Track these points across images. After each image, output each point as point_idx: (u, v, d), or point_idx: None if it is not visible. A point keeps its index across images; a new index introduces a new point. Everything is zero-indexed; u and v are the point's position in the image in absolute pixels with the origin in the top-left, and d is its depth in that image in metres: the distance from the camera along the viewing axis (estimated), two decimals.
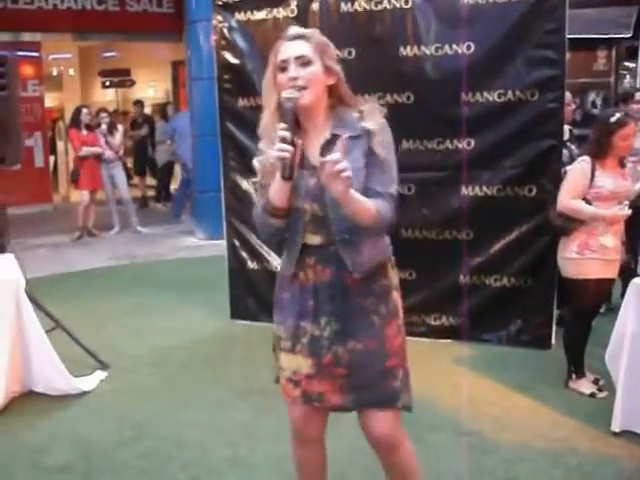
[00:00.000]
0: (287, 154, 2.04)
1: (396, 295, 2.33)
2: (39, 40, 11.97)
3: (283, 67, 2.16)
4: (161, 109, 11.92)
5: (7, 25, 11.18)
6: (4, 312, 3.86)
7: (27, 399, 4.05)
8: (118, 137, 9.53)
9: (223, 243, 5.54)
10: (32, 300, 4.05)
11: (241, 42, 5.07)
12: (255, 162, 2.31)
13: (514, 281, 4.68)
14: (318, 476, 2.57)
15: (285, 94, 2.12)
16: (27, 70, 11.94)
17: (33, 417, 3.86)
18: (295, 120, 2.12)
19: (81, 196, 9.40)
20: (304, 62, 2.15)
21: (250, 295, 5.33)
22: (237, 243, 5.34)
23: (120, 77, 15.63)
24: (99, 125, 9.37)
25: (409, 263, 4.75)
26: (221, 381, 4.32)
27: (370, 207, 2.09)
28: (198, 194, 8.90)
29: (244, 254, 5.32)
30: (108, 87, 16.20)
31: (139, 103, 12.39)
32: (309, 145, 2.19)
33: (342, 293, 2.23)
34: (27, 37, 11.67)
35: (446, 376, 4.30)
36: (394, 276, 2.34)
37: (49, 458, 3.44)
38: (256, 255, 5.29)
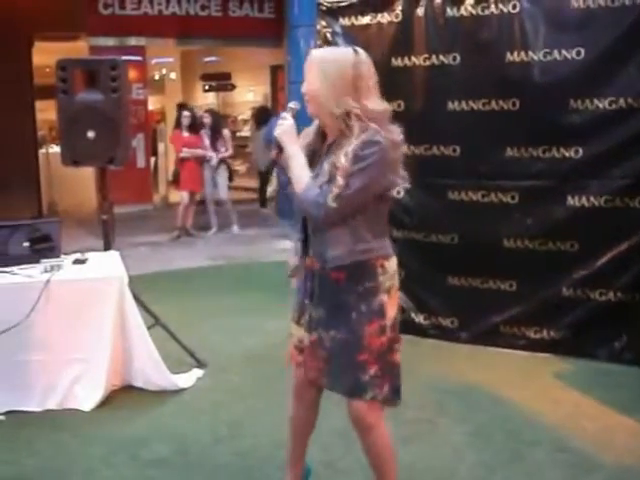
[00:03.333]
0: (274, 151, 2.52)
1: (384, 298, 2.49)
2: (144, 45, 12.37)
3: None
4: (260, 113, 12.07)
5: (114, 30, 11.63)
6: (108, 307, 4.00)
7: (126, 393, 4.16)
8: (226, 139, 9.72)
9: None
10: (134, 297, 4.16)
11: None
12: None
13: (620, 296, 4.49)
14: (305, 434, 2.92)
15: (290, 104, 2.61)
16: (132, 74, 12.35)
17: (132, 411, 3.97)
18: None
19: (180, 197, 9.65)
20: (307, 79, 2.48)
21: None
22: None
23: (221, 81, 15.96)
24: (203, 126, 9.59)
25: (510, 274, 4.67)
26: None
27: (303, 180, 2.42)
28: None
29: None
30: (208, 91, 16.58)
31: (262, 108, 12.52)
32: (323, 149, 2.53)
33: (329, 285, 2.51)
34: (133, 42, 12.07)
35: (545, 391, 4.17)
36: (387, 279, 2.50)
37: (147, 451, 3.52)
38: None
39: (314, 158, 2.52)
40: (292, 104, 2.58)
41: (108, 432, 3.72)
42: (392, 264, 2.56)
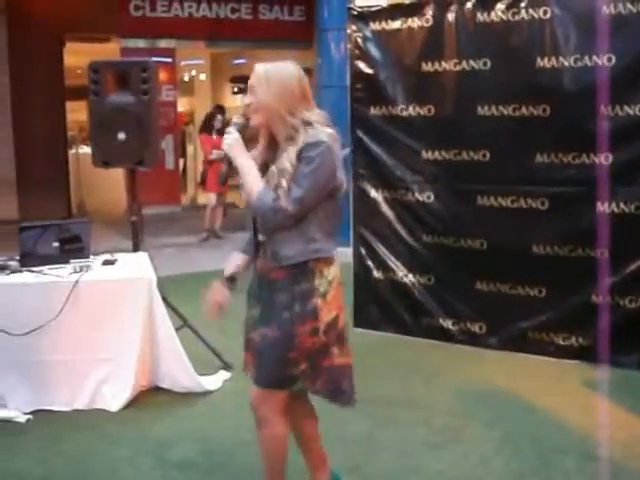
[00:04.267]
0: (225, 166, 2.68)
1: (318, 301, 2.56)
2: (174, 47, 12.44)
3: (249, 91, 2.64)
4: None
5: (145, 32, 11.72)
6: (137, 308, 4.02)
7: (153, 394, 4.18)
8: None
9: (346, 250, 5.54)
10: (162, 298, 4.19)
11: (375, 52, 5.09)
12: None
13: None
14: (302, 440, 3.00)
15: (234, 119, 2.70)
16: (162, 75, 12.41)
17: (159, 412, 3.99)
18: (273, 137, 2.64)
19: (208, 198, 9.70)
20: (252, 92, 2.60)
21: (373, 304, 5.32)
22: (364, 252, 5.34)
23: None
24: None
25: (539, 280, 4.64)
26: None
27: (255, 186, 2.54)
28: None
29: (370, 263, 5.31)
30: (238, 93, 16.64)
31: None
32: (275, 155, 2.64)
33: (267, 285, 2.63)
34: (163, 44, 12.15)
35: (574, 398, 4.13)
36: (322, 285, 2.57)
37: (173, 453, 3.53)
38: (382, 265, 5.27)
39: (266, 168, 2.62)
40: (236, 118, 2.70)
41: (134, 433, 3.74)
42: (332, 271, 2.62)
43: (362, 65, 5.16)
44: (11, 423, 3.85)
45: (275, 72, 2.60)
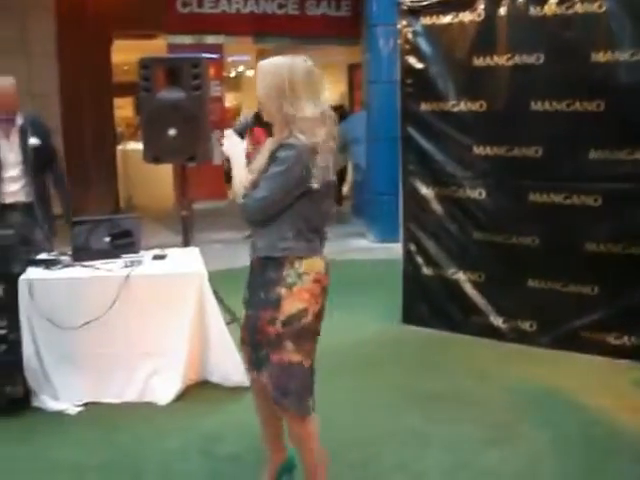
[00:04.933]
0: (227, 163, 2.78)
1: (282, 291, 2.65)
2: (221, 43, 12.49)
3: None
4: (336, 111, 12.03)
5: (192, 28, 11.79)
6: (187, 302, 4.06)
7: (203, 388, 4.21)
8: None
9: (395, 246, 5.54)
10: (213, 293, 4.21)
11: (425, 46, 5.04)
12: None
13: None
14: (269, 424, 3.01)
15: (241, 118, 2.92)
16: (210, 71, 12.50)
17: (208, 406, 4.02)
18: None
19: None
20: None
21: (423, 300, 5.29)
22: (413, 248, 5.30)
23: None
24: None
25: (592, 278, 4.56)
26: (391, 384, 4.31)
27: (239, 181, 2.69)
28: (372, 197, 8.93)
29: (420, 259, 5.27)
30: None
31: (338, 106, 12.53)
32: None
33: (252, 270, 2.80)
34: (210, 40, 12.21)
35: (625, 399, 4.04)
36: (290, 276, 2.65)
37: (221, 447, 3.56)
38: (432, 261, 5.22)
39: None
40: (242, 118, 2.93)
41: (184, 426, 3.78)
42: (305, 265, 2.66)
43: (412, 60, 5.11)
44: (64, 415, 3.92)
45: (268, 67, 2.68)
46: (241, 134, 2.83)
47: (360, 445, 3.54)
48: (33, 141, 4.73)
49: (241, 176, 2.72)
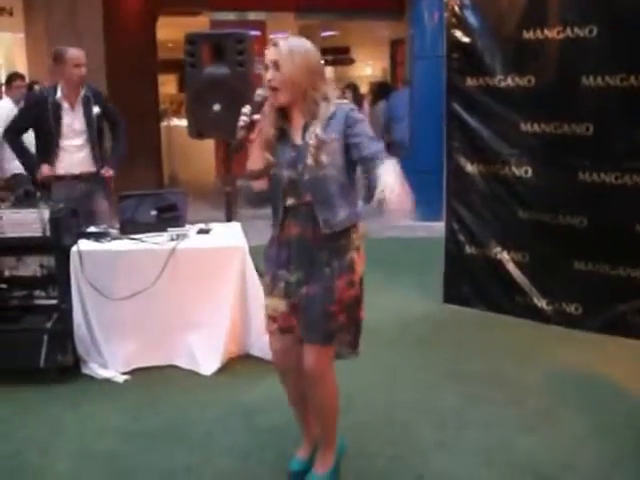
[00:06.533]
0: (242, 132, 2.66)
1: (354, 255, 2.73)
2: (264, 19, 12.45)
3: (266, 67, 2.65)
4: (379, 87, 11.91)
5: (234, 5, 11.78)
6: (230, 276, 4.09)
7: (244, 361, 4.25)
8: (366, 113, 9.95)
9: (436, 225, 5.48)
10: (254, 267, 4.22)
11: (473, 20, 4.94)
12: None
13: None
14: (300, 403, 2.99)
15: (259, 91, 2.70)
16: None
17: (249, 378, 4.05)
18: (281, 108, 2.68)
19: None
20: (277, 67, 2.61)
21: (465, 280, 5.22)
22: (456, 226, 5.23)
23: (339, 55, 15.93)
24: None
25: None
26: (431, 363, 4.29)
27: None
28: (414, 174, 8.78)
29: (462, 238, 5.21)
30: (326, 65, 16.56)
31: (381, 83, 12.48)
32: (293, 128, 2.72)
33: (305, 246, 2.71)
34: (252, 16, 12.18)
35: None
36: (356, 239, 2.74)
37: (263, 419, 3.59)
38: (475, 240, 5.15)
39: (283, 137, 2.73)
40: (261, 91, 2.73)
41: (226, 397, 3.82)
42: (362, 226, 2.79)
43: (459, 34, 5.02)
44: (111, 383, 4.02)
45: (299, 47, 2.65)
46: (257, 110, 2.73)
47: (400, 422, 3.54)
48: (96, 110, 4.88)
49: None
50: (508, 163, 4.89)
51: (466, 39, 5.00)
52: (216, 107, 4.67)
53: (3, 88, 7.75)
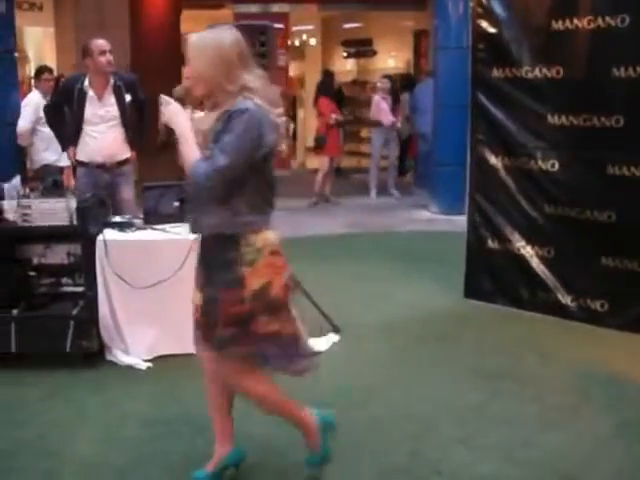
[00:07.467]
0: (162, 135, 2.74)
1: (243, 270, 2.59)
2: (287, 11, 12.43)
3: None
4: (402, 80, 11.87)
5: None
6: None
7: None
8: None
9: (458, 219, 5.42)
10: None
11: (499, 10, 4.86)
12: None
13: None
14: (219, 407, 2.95)
15: (177, 88, 2.80)
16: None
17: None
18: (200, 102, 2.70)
19: (321, 163, 9.72)
20: (189, 62, 2.64)
21: (487, 275, 5.14)
22: (479, 220, 5.15)
23: (361, 47, 15.87)
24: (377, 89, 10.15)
25: None
26: (452, 359, 4.24)
27: (193, 155, 2.55)
28: (437, 167, 8.77)
29: (485, 232, 5.13)
30: (348, 57, 16.52)
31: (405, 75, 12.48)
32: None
33: (205, 248, 2.71)
34: (275, 8, 12.16)
35: None
36: (248, 253, 2.59)
37: None
38: (498, 234, 5.07)
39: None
40: (177, 89, 2.78)
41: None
42: (260, 239, 2.62)
43: (485, 24, 4.94)
44: (134, 369, 4.09)
45: (211, 41, 2.60)
46: (181, 101, 2.70)
47: (421, 417, 3.51)
48: (128, 98, 5.01)
49: (193, 148, 2.59)
50: (534, 156, 4.81)
51: (492, 29, 4.91)
52: None
53: (32, 81, 7.88)
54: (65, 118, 5.13)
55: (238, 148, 2.50)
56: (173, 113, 2.67)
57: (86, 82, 4.91)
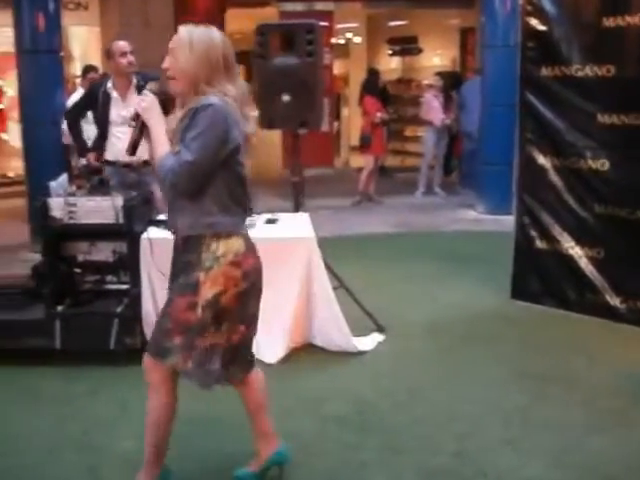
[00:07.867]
0: (134, 134, 2.63)
1: (200, 275, 2.53)
2: (332, 9, 12.41)
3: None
4: (448, 78, 11.78)
5: None
6: (297, 266, 4.10)
7: (307, 351, 4.26)
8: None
9: (505, 219, 5.38)
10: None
11: (549, 7, 4.79)
12: None
13: None
14: (255, 407, 2.90)
15: (149, 85, 2.71)
16: None
17: (313, 368, 4.07)
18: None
19: (366, 162, 9.71)
20: (173, 55, 2.52)
21: (534, 275, 5.08)
22: (527, 220, 5.09)
23: (407, 45, 15.78)
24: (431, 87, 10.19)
25: None
26: (498, 360, 4.21)
27: (162, 151, 2.49)
28: (483, 167, 8.67)
29: (533, 232, 5.07)
30: (394, 55, 16.45)
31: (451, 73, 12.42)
32: None
33: (175, 249, 2.67)
34: (320, 6, 12.16)
35: None
36: (208, 259, 2.53)
37: (327, 408, 3.60)
38: (546, 235, 5.00)
39: None
40: (152, 84, 2.70)
41: (290, 386, 3.82)
42: (222, 246, 2.56)
43: (534, 22, 4.89)
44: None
45: (200, 37, 2.52)
46: (157, 94, 2.62)
47: (466, 418, 3.50)
48: None
49: (162, 143, 2.53)
50: (583, 156, 4.74)
51: (542, 27, 4.85)
52: (285, 97, 4.66)
53: (78, 80, 7.98)
54: (81, 127, 5.34)
55: (203, 144, 2.45)
56: (148, 107, 2.58)
57: (109, 84, 5.02)
